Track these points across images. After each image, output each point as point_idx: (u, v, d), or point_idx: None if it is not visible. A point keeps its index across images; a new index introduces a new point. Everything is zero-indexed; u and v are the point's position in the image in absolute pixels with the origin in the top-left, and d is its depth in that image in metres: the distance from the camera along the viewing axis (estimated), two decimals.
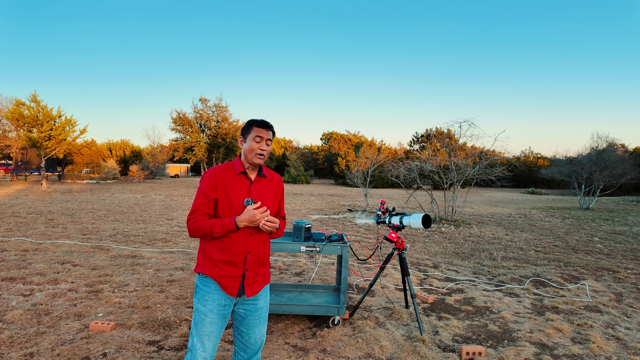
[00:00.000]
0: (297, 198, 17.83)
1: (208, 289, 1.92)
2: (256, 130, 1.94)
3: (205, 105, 38.28)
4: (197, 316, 1.93)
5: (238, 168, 1.97)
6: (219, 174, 1.94)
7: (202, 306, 1.92)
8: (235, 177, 1.96)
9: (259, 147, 1.92)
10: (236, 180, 1.95)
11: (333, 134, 45.09)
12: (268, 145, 1.96)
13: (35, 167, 25.64)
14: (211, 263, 1.92)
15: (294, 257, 6.12)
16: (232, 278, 1.92)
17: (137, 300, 3.98)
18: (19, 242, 6.50)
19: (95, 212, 10.89)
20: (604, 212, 14.19)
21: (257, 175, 2.01)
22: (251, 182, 1.98)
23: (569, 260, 6.39)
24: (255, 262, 1.97)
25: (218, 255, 1.90)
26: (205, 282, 1.93)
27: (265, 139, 1.94)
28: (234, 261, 1.91)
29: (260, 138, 1.93)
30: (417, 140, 39.88)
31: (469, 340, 3.30)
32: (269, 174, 2.07)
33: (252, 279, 1.97)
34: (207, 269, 1.93)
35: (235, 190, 1.93)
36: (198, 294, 1.95)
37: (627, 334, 3.49)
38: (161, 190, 20.44)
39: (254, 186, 1.98)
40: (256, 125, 1.96)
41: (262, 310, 2.03)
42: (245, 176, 1.98)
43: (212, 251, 1.92)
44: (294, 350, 3.02)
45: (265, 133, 1.94)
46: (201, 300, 1.92)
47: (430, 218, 3.39)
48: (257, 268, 1.99)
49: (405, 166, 12.38)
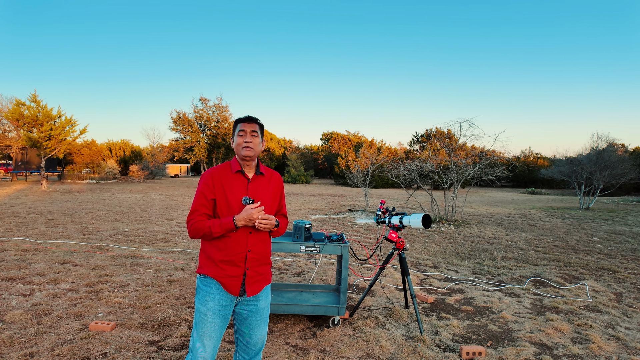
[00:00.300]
0: (297, 198, 17.83)
1: (209, 289, 1.92)
2: (239, 125, 1.97)
3: (205, 105, 38.32)
4: (198, 316, 1.93)
5: (235, 167, 1.98)
6: (216, 174, 1.95)
7: (202, 306, 1.92)
8: (232, 176, 1.96)
9: (243, 140, 1.94)
10: (233, 180, 1.96)
11: (333, 134, 45.08)
12: (254, 137, 1.96)
13: (35, 167, 25.64)
14: (212, 263, 1.92)
15: (294, 257, 6.12)
16: (233, 277, 1.92)
17: (137, 300, 3.98)
18: (19, 242, 6.50)
19: (95, 212, 10.89)
20: (604, 212, 14.19)
21: (255, 173, 2.01)
22: (249, 180, 1.98)
23: (569, 260, 6.39)
24: (256, 260, 1.97)
25: (218, 255, 1.91)
26: (206, 282, 1.93)
27: (249, 131, 1.95)
28: (234, 260, 1.91)
29: (244, 131, 1.95)
30: (417, 140, 39.89)
31: (469, 340, 3.30)
32: (268, 173, 2.07)
33: (253, 278, 1.97)
34: (208, 269, 1.93)
35: (233, 189, 1.93)
36: (199, 294, 1.95)
37: (627, 334, 3.49)
38: (161, 190, 20.44)
39: (252, 184, 1.98)
40: (239, 121, 2.00)
41: (263, 311, 2.03)
42: (243, 175, 1.98)
43: (213, 251, 1.92)
44: (294, 350, 3.02)
45: (247, 125, 1.96)
46: (202, 301, 1.93)
47: (430, 218, 3.39)
48: (258, 267, 1.99)
49: (405, 166, 12.38)
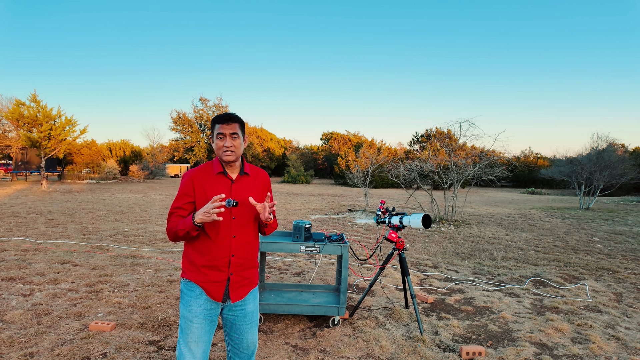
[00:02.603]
0: (297, 198, 17.82)
1: (193, 293, 1.85)
2: (217, 127, 1.82)
3: (205, 105, 38.29)
4: (184, 322, 1.86)
5: (217, 168, 1.88)
6: (196, 176, 1.85)
7: (187, 312, 1.85)
8: (214, 177, 1.87)
9: (223, 144, 1.81)
10: (215, 181, 1.86)
11: (333, 134, 45.07)
12: (235, 139, 1.83)
13: (35, 167, 25.64)
14: (195, 268, 1.85)
15: (294, 257, 6.12)
16: (216, 283, 1.84)
17: (137, 300, 3.98)
18: (19, 242, 6.50)
19: (95, 212, 10.89)
20: (604, 212, 14.18)
21: (239, 173, 1.92)
22: (232, 181, 1.89)
23: (569, 260, 6.39)
24: (241, 265, 1.89)
25: (201, 259, 1.83)
26: (189, 287, 1.86)
27: (229, 134, 1.81)
28: (217, 265, 1.83)
29: (223, 135, 1.81)
30: (417, 140, 39.89)
31: (469, 340, 3.30)
32: (253, 172, 1.98)
33: (237, 282, 1.89)
34: (191, 274, 1.86)
35: (215, 191, 1.83)
36: (183, 299, 1.88)
37: (627, 334, 3.49)
38: (161, 190, 20.44)
39: (235, 185, 1.89)
40: (217, 121, 1.83)
41: (252, 314, 1.96)
42: (225, 176, 1.88)
43: (195, 256, 1.84)
44: (294, 350, 3.02)
45: (226, 128, 1.81)
46: (186, 306, 1.85)
47: (430, 218, 3.39)
48: (243, 271, 1.91)
49: (405, 166, 12.38)
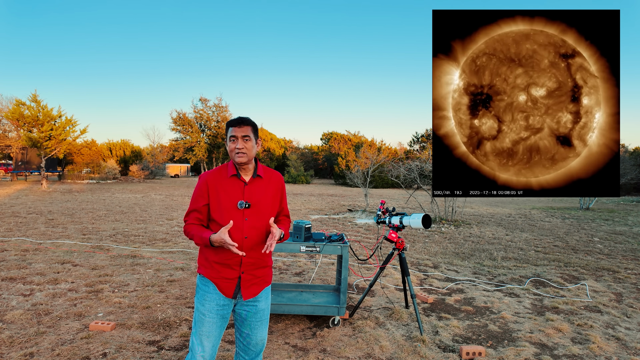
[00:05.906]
0: (297, 198, 17.83)
1: (207, 288, 1.92)
2: (230, 130, 1.90)
3: (205, 105, 38.33)
4: (197, 315, 1.94)
5: (231, 171, 1.93)
6: (210, 179, 1.92)
7: (201, 306, 1.92)
8: (227, 180, 1.92)
9: (235, 146, 1.88)
10: (229, 184, 1.92)
11: (333, 134, 45.09)
12: (247, 141, 1.89)
13: (35, 167, 25.66)
14: (208, 264, 1.92)
15: (294, 257, 6.12)
16: (228, 280, 1.91)
17: (137, 300, 3.98)
18: (19, 242, 6.50)
19: (95, 212, 10.89)
20: (604, 212, 14.18)
21: (252, 176, 1.96)
22: (245, 183, 1.94)
23: (569, 260, 6.39)
24: (252, 264, 1.94)
25: (214, 256, 1.90)
26: (204, 282, 1.94)
27: (241, 137, 1.88)
28: (230, 264, 1.90)
29: (235, 137, 1.88)
30: (417, 140, 39.90)
31: (469, 340, 3.30)
32: (267, 174, 2.01)
33: (249, 281, 1.94)
34: (205, 270, 1.93)
35: (228, 193, 1.89)
36: (198, 293, 1.96)
37: (627, 334, 3.49)
38: (161, 190, 20.45)
39: (248, 188, 1.93)
40: (230, 125, 1.92)
41: (263, 312, 2.01)
42: (238, 178, 1.93)
43: (209, 253, 1.92)
44: (294, 350, 3.02)
45: (238, 130, 1.88)
46: (200, 300, 1.93)
47: (430, 218, 3.39)
48: (255, 270, 1.96)
49: (405, 166, 12.39)
